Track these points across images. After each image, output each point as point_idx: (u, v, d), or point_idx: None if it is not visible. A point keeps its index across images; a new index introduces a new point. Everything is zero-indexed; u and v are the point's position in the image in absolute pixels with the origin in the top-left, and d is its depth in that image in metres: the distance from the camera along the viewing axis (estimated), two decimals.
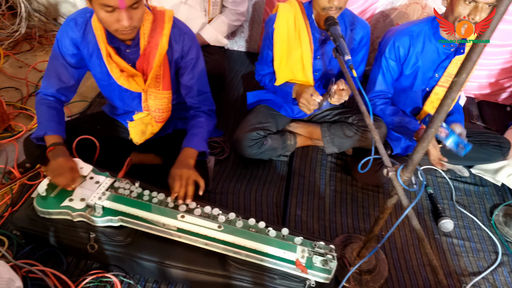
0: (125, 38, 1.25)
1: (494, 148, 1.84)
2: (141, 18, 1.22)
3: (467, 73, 0.88)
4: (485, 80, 2.45)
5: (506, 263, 1.62)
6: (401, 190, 1.13)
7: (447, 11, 1.57)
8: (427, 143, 1.04)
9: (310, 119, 1.97)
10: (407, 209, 1.10)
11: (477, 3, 1.44)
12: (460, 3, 1.46)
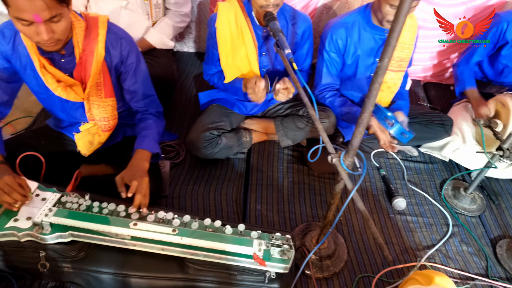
0: (50, 49, 1.21)
1: (438, 126, 1.94)
2: (65, 30, 1.16)
3: (389, 58, 0.92)
4: (429, 62, 2.57)
5: (457, 233, 1.72)
6: (345, 175, 1.17)
7: (375, 10, 1.64)
8: (363, 128, 1.08)
9: (264, 114, 1.99)
10: (351, 192, 1.14)
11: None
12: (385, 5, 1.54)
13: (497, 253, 1.64)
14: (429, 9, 2.25)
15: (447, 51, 2.48)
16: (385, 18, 1.60)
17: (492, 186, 1.97)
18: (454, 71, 2.16)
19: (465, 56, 2.11)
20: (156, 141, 1.44)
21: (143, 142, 1.39)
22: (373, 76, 0.97)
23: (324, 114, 1.78)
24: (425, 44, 2.44)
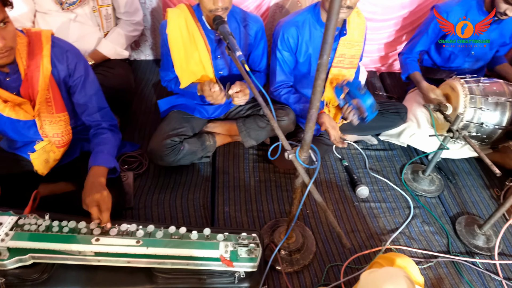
0: (3, 62, 1.18)
1: (393, 114, 2.02)
2: (14, 37, 1.15)
3: (327, 55, 0.96)
4: (383, 52, 2.66)
5: (418, 214, 1.80)
6: (302, 169, 1.20)
7: (325, 7, 1.68)
8: (313, 123, 1.12)
9: (226, 117, 2.00)
10: (308, 186, 1.17)
11: None
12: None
13: (456, 230, 1.74)
14: (377, 1, 2.34)
15: (397, 41, 2.59)
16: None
17: (449, 167, 2.08)
18: (399, 59, 2.26)
19: (409, 46, 2.21)
20: (112, 155, 1.41)
21: (97, 158, 1.37)
22: (315, 73, 1.00)
23: (283, 112, 1.81)
24: (376, 35, 2.53)
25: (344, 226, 1.70)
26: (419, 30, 2.16)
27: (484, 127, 1.89)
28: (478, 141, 2.01)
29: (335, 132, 1.71)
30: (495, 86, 1.92)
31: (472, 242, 1.68)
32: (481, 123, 1.88)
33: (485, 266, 1.61)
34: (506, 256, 1.66)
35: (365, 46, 2.56)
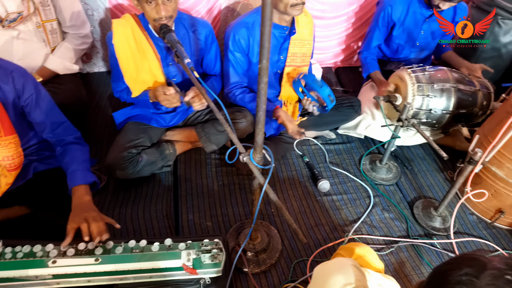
0: None
1: (348, 108, 2.09)
2: None
3: (266, 59, 0.98)
4: (338, 48, 2.74)
5: (378, 203, 1.87)
6: (257, 171, 1.23)
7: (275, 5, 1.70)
8: (262, 125, 1.14)
9: (185, 123, 1.99)
10: (263, 186, 1.20)
11: None
12: None
13: (414, 214, 1.82)
14: (326, 1, 2.40)
15: (350, 37, 2.67)
16: (288, 4, 1.63)
17: (405, 154, 2.17)
18: (359, 58, 2.33)
19: (365, 43, 2.29)
20: (87, 170, 1.39)
21: (74, 179, 1.34)
22: (258, 77, 1.03)
23: (241, 114, 1.83)
24: (329, 32, 2.60)
25: (308, 221, 1.74)
26: (371, 26, 2.25)
27: (433, 113, 1.98)
28: (429, 127, 2.11)
29: (292, 125, 1.75)
30: (439, 73, 2.02)
31: (429, 224, 1.77)
32: (430, 109, 1.98)
33: (442, 245, 1.69)
34: (461, 234, 1.76)
35: (319, 43, 2.65)
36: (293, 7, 1.64)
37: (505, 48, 2.47)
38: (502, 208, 1.73)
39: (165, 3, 1.52)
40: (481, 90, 2.05)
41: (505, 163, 1.63)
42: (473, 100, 2.02)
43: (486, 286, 0.57)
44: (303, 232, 1.68)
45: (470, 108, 2.02)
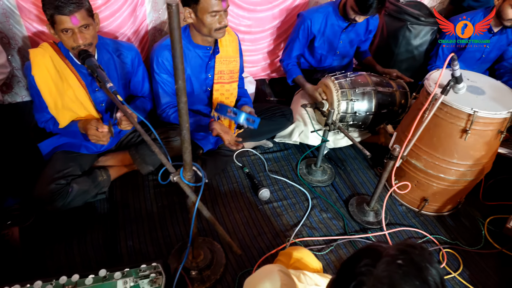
0: None
1: (280, 117, 2.17)
2: None
3: (182, 80, 1.00)
4: (268, 60, 2.83)
5: (316, 204, 1.95)
6: (188, 189, 1.23)
7: (197, 28, 1.74)
8: (188, 144, 1.16)
9: (118, 147, 1.95)
10: (196, 204, 1.21)
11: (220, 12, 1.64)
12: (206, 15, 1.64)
13: (350, 211, 1.92)
14: (250, 16, 2.49)
15: (278, 48, 2.78)
16: (212, 29, 1.68)
17: (337, 155, 2.29)
18: (282, 66, 2.44)
19: (286, 52, 2.40)
20: None
21: None
22: (177, 97, 1.04)
23: (175, 132, 1.83)
24: (258, 46, 2.69)
25: (251, 231, 1.77)
26: (291, 37, 2.36)
27: (358, 115, 2.13)
28: (357, 128, 2.25)
29: (228, 136, 1.78)
30: (360, 78, 2.18)
31: (364, 219, 1.88)
32: (355, 112, 2.12)
33: (377, 238, 1.81)
34: (393, 225, 1.89)
35: (250, 57, 2.73)
36: (217, 31, 1.70)
37: (417, 50, 2.72)
38: (426, 197, 1.90)
39: (82, 31, 1.49)
40: (398, 90, 2.24)
41: (422, 155, 1.79)
42: (392, 100, 2.20)
43: (382, 273, 0.63)
44: (247, 243, 1.71)
45: (390, 107, 2.19)
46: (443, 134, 1.68)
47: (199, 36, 1.78)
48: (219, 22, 1.67)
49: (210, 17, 1.65)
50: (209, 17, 1.64)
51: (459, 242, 1.82)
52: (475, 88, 1.72)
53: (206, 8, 1.62)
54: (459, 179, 1.76)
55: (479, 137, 1.63)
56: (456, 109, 1.59)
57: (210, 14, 1.63)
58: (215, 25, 1.67)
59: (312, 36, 2.30)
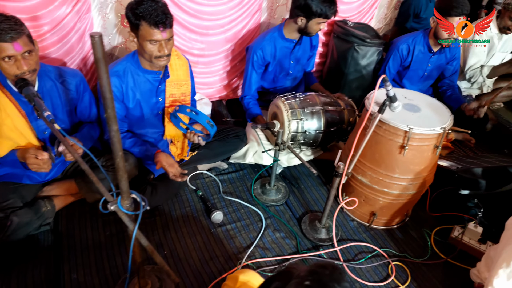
0: None
1: (234, 138, 2.19)
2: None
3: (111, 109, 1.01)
4: (224, 82, 2.87)
5: (270, 224, 1.96)
6: (126, 218, 1.21)
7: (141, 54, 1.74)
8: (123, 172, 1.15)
9: (64, 175, 1.89)
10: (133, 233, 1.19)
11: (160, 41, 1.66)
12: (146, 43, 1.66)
13: (302, 229, 1.95)
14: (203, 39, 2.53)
15: (234, 70, 2.83)
16: (152, 56, 1.71)
17: (292, 173, 2.33)
18: (242, 103, 2.46)
19: (246, 87, 2.43)
20: None
21: None
22: (108, 126, 1.04)
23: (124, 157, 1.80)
24: (213, 68, 2.72)
25: (203, 255, 1.75)
26: (247, 72, 2.39)
27: (308, 133, 2.18)
28: (309, 146, 2.31)
29: (172, 169, 1.77)
30: (308, 98, 2.25)
31: (316, 237, 1.91)
32: (305, 131, 2.18)
33: (329, 255, 1.84)
34: (344, 240, 1.93)
35: (205, 79, 2.76)
36: (157, 59, 1.72)
37: (365, 70, 2.86)
38: (374, 211, 1.95)
39: (25, 57, 1.46)
40: (346, 108, 2.32)
41: (367, 171, 1.85)
42: (341, 118, 2.28)
43: None
44: (198, 268, 1.68)
45: (339, 125, 2.27)
46: (384, 150, 1.75)
47: (147, 62, 1.79)
48: (159, 51, 1.69)
49: (150, 45, 1.67)
50: (148, 44, 1.67)
51: (407, 254, 1.87)
52: (412, 106, 1.82)
53: (145, 36, 1.65)
54: (402, 193, 1.84)
55: (417, 152, 1.72)
56: (393, 126, 1.67)
57: (149, 42, 1.66)
58: (155, 53, 1.70)
59: (267, 63, 2.37)
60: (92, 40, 0.90)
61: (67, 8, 1.99)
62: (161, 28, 1.64)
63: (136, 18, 1.62)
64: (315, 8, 2.09)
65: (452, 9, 2.25)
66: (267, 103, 2.47)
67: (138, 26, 1.63)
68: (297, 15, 2.18)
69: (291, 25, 2.25)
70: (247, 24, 2.62)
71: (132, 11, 1.62)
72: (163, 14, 1.62)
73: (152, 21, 1.61)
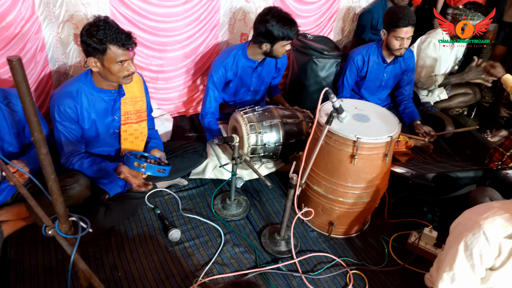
0: None
1: (192, 154, 2.18)
2: None
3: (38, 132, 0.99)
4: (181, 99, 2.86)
5: (229, 239, 1.95)
6: (64, 242, 1.18)
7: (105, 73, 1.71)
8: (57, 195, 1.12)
9: (14, 199, 1.83)
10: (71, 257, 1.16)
11: None
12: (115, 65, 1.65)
13: (262, 242, 1.94)
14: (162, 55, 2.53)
15: (194, 85, 2.84)
16: (120, 77, 1.70)
17: (254, 186, 2.33)
18: (202, 122, 2.45)
19: (206, 105, 2.42)
20: None
21: None
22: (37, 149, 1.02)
23: (72, 180, 1.75)
24: (173, 84, 2.73)
25: (159, 275, 1.71)
26: (208, 88, 2.39)
27: (267, 146, 2.20)
28: (269, 159, 2.33)
29: (136, 180, 1.75)
30: (267, 111, 2.28)
31: (275, 249, 1.90)
32: (264, 144, 2.19)
33: (288, 267, 1.83)
34: (304, 252, 1.93)
35: (165, 95, 2.76)
36: (125, 78, 1.73)
37: (325, 81, 2.92)
38: (332, 221, 1.97)
39: None
40: (305, 120, 2.36)
41: (322, 181, 1.87)
42: (299, 130, 2.31)
43: None
44: None
45: (298, 137, 2.30)
46: (336, 160, 1.78)
47: (104, 82, 1.78)
48: (127, 70, 1.70)
49: (117, 66, 1.67)
50: (116, 66, 1.67)
51: (365, 262, 1.89)
52: (362, 116, 1.87)
53: (113, 58, 1.64)
54: (357, 201, 1.86)
55: (367, 161, 1.75)
56: (342, 136, 1.71)
57: (117, 63, 1.65)
58: (123, 73, 1.70)
59: (228, 80, 2.39)
60: (10, 64, 0.89)
61: (15, 28, 1.97)
62: (130, 48, 1.67)
63: (102, 43, 1.60)
64: (277, 33, 2.14)
65: (399, 20, 2.34)
66: (228, 116, 2.48)
67: (105, 50, 1.62)
68: (260, 42, 2.22)
69: (256, 49, 2.29)
70: (206, 39, 2.65)
71: (93, 37, 1.60)
72: (127, 35, 1.65)
73: (121, 43, 1.62)
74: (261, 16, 2.19)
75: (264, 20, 2.15)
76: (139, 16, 2.30)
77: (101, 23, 1.59)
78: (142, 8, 2.28)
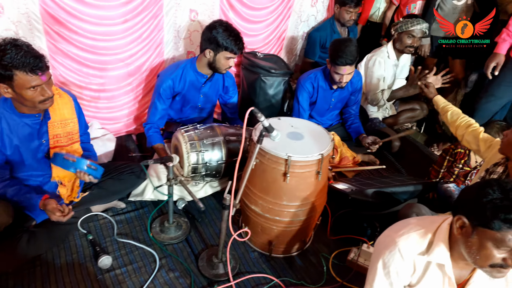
0: None
1: (129, 175, 2.10)
2: None
3: None
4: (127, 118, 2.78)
5: (165, 264, 1.87)
6: None
7: (20, 99, 1.62)
8: None
9: None
10: None
11: None
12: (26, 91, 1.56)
13: (199, 266, 1.87)
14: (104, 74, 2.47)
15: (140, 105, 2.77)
16: (36, 102, 1.61)
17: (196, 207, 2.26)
18: (144, 129, 2.40)
19: (150, 114, 2.38)
20: None
21: None
22: None
23: None
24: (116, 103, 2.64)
25: None
26: (154, 98, 2.35)
27: (209, 165, 2.16)
28: (212, 177, 2.28)
29: (55, 217, 1.67)
30: (209, 129, 2.24)
31: (212, 273, 1.84)
32: (205, 162, 2.15)
33: None
34: (243, 273, 1.88)
35: (109, 114, 2.68)
36: (41, 103, 1.64)
37: (274, 99, 2.94)
38: (271, 240, 1.94)
39: None
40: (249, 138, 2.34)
41: (258, 200, 1.85)
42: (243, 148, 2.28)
43: None
44: None
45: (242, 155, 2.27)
46: (270, 178, 1.77)
47: (24, 107, 1.69)
48: (42, 95, 1.61)
49: (30, 92, 1.58)
50: (29, 91, 1.57)
51: (304, 282, 1.86)
52: (296, 134, 1.87)
53: (23, 85, 1.55)
54: (293, 220, 1.84)
55: (300, 179, 1.75)
56: (274, 155, 1.70)
57: (29, 89, 1.56)
58: (38, 98, 1.61)
59: (175, 94, 2.35)
60: None
61: None
62: (40, 73, 1.56)
63: (7, 69, 1.50)
64: (221, 41, 2.16)
65: (338, 58, 2.39)
66: (170, 135, 2.42)
67: (12, 77, 1.52)
68: (205, 48, 2.22)
69: (202, 59, 2.29)
70: (150, 57, 2.61)
71: None
72: (36, 58, 1.54)
73: (28, 68, 1.52)
74: (210, 24, 2.22)
75: (212, 27, 2.18)
76: (76, 34, 2.24)
77: (7, 46, 1.49)
78: (79, 26, 2.22)
